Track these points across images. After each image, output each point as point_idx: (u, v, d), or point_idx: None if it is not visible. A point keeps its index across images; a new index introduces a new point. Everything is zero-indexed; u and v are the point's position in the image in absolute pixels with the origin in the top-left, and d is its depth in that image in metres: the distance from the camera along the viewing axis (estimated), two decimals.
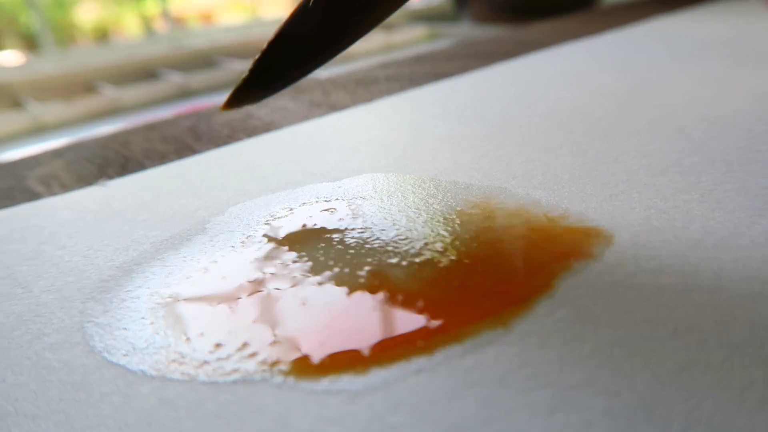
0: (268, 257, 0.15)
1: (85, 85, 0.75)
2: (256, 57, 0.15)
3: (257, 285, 0.14)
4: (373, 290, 0.13)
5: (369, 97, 0.30)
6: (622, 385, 0.10)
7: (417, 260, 0.14)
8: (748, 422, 0.09)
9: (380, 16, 0.16)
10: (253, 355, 0.12)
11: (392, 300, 0.13)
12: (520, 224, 0.15)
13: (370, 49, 0.95)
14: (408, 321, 0.12)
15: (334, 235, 0.15)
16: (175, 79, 0.75)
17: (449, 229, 0.15)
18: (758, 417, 0.09)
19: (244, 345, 0.12)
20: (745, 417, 0.09)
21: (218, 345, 0.12)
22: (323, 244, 0.15)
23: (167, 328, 0.13)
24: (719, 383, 0.10)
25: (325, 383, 0.11)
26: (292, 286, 0.13)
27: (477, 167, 0.19)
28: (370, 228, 0.16)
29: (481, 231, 0.15)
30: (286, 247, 0.15)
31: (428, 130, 0.23)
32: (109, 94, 0.70)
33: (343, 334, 0.12)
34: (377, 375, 0.11)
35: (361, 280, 0.13)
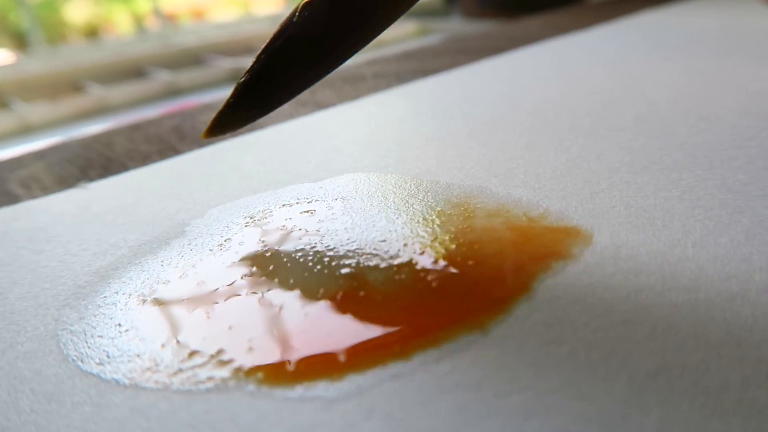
0: (245, 261, 0.15)
1: (73, 85, 0.74)
2: (241, 78, 0.14)
3: (233, 290, 0.14)
4: (350, 294, 0.13)
5: (355, 95, 0.30)
6: (598, 389, 0.10)
7: (395, 262, 0.14)
8: (724, 425, 0.09)
9: (385, 20, 0.14)
10: (228, 362, 0.11)
11: (369, 303, 0.13)
12: (500, 224, 0.15)
13: None
14: (385, 325, 0.12)
15: (312, 238, 0.15)
16: (164, 78, 0.74)
17: (428, 230, 0.15)
18: (734, 420, 0.09)
19: (219, 352, 0.12)
20: (721, 420, 0.09)
21: (193, 352, 0.12)
22: (300, 248, 0.15)
23: (142, 335, 0.12)
24: (695, 385, 0.10)
25: (299, 390, 0.11)
26: (268, 291, 0.13)
27: (460, 166, 0.19)
28: (349, 230, 0.15)
29: (460, 232, 0.15)
30: (263, 251, 0.15)
31: (414, 128, 0.23)
32: (97, 93, 0.69)
33: (319, 339, 0.12)
34: (353, 381, 0.11)
35: (338, 284, 0.13)
